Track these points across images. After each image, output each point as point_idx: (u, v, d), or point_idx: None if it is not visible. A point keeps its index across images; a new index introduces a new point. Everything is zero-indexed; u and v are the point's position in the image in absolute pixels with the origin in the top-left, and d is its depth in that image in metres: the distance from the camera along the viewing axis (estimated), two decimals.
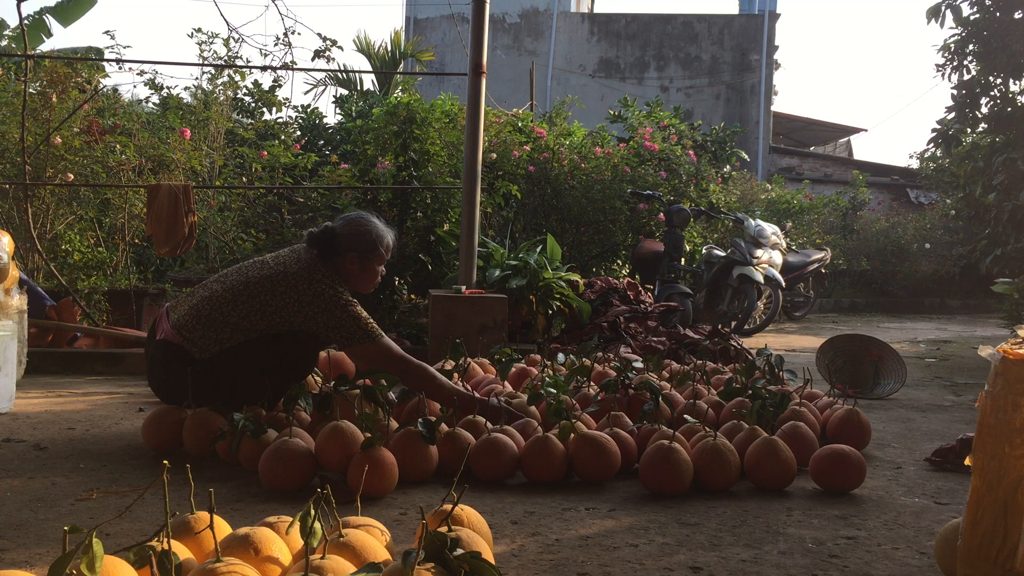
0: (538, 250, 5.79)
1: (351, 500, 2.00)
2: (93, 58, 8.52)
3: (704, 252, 8.61)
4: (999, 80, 6.83)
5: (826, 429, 3.01)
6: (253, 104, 9.11)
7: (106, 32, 11.63)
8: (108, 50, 7.27)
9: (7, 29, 10.88)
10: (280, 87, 8.61)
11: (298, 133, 10.01)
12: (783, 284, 8.41)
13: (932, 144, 7.49)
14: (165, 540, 1.34)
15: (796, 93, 73.74)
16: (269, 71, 7.99)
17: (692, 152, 9.58)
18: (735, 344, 5.07)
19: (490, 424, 2.70)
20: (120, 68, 8.12)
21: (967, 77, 7.00)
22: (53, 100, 5.77)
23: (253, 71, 8.13)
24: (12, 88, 6.27)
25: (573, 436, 2.54)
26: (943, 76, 7.11)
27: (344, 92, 13.37)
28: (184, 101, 7.69)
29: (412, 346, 5.08)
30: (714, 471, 2.43)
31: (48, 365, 4.68)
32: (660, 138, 9.04)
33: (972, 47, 6.90)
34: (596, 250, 8.18)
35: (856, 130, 23.08)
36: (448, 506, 1.59)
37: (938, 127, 7.23)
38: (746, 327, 8.03)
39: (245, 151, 7.22)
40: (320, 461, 2.40)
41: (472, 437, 2.58)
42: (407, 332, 5.59)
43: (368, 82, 14.21)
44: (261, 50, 10.66)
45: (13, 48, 10.17)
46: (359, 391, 2.68)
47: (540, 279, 5.45)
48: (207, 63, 7.42)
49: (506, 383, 3.37)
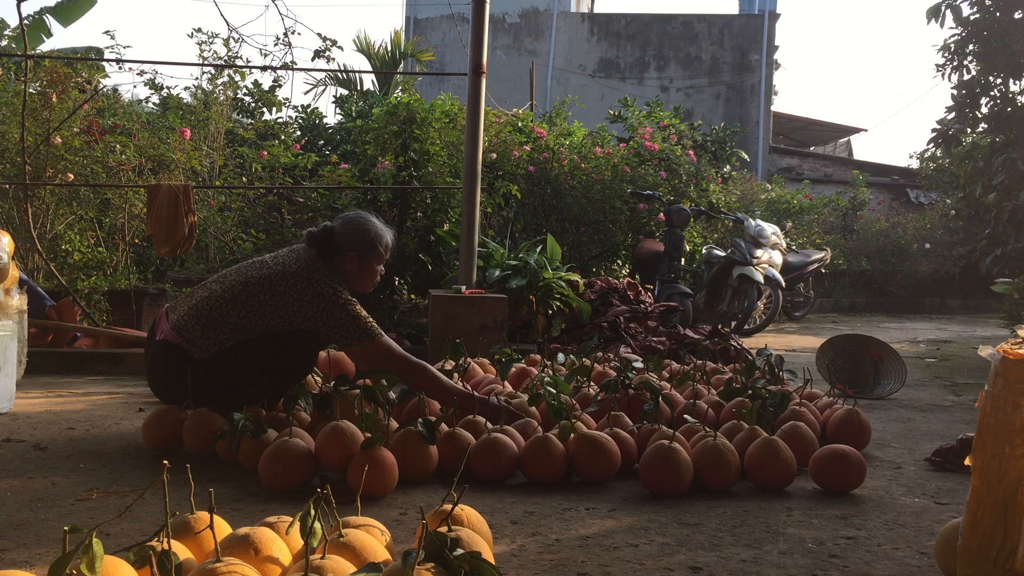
0: (538, 250, 5.79)
1: (351, 500, 2.00)
2: (93, 58, 8.52)
3: (704, 252, 8.61)
4: (999, 80, 6.83)
5: (826, 429, 3.01)
6: (253, 104, 9.12)
7: (106, 32, 11.65)
8: (108, 50, 7.28)
9: (7, 29, 10.88)
10: (280, 87, 8.63)
11: (298, 133, 10.01)
12: (783, 284, 8.41)
13: (932, 144, 7.49)
14: (165, 540, 1.34)
15: (796, 93, 73.83)
16: (269, 71, 7.99)
17: (692, 152, 9.58)
18: (735, 344, 5.07)
19: (490, 424, 2.70)
20: (120, 68, 8.13)
21: (967, 77, 7.00)
22: (53, 100, 5.77)
23: (253, 71, 8.14)
24: (12, 88, 6.27)
25: (573, 436, 2.54)
26: (943, 76, 7.12)
27: (344, 92, 13.37)
28: (184, 101, 7.69)
29: (412, 346, 5.08)
30: (714, 471, 2.43)
31: (48, 365, 4.68)
32: (660, 138, 9.04)
33: (972, 47, 6.90)
34: (596, 250, 8.18)
35: (856, 130, 23.10)
36: (448, 506, 1.59)
37: (938, 127, 7.24)
38: (746, 327, 8.04)
39: (245, 151, 7.22)
40: (320, 461, 2.40)
41: (472, 437, 2.58)
42: (407, 332, 5.59)
43: (368, 82, 14.22)
44: (261, 50, 10.69)
45: (13, 48, 10.17)
46: (359, 391, 2.68)
47: (540, 279, 5.45)
48: (207, 63, 7.42)
49: (506, 383, 3.37)
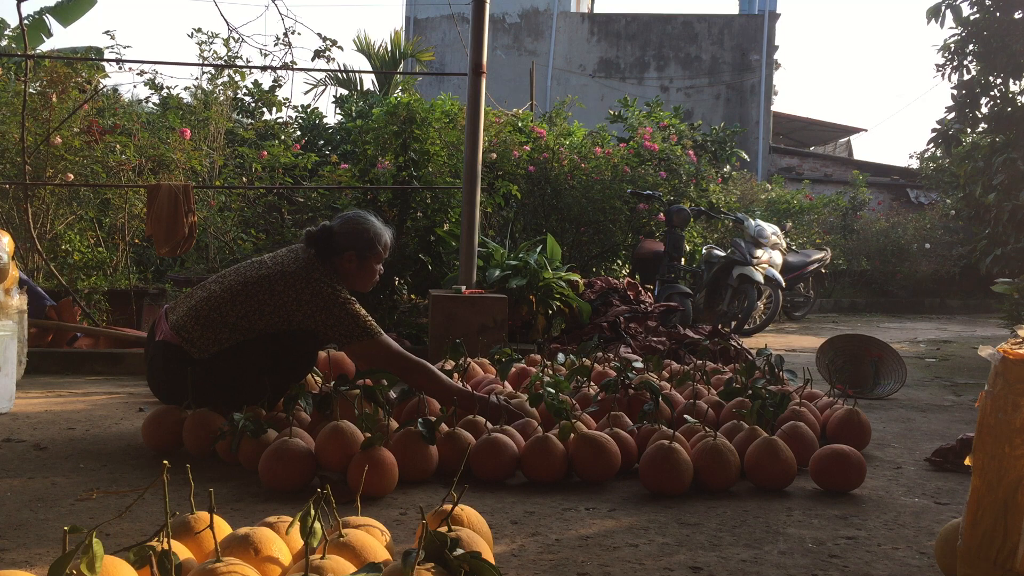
0: (538, 250, 5.79)
1: (351, 500, 2.00)
2: (93, 58, 8.52)
3: (704, 252, 8.62)
4: (999, 80, 6.83)
5: (826, 429, 3.01)
6: (253, 104, 9.12)
7: (106, 32, 11.65)
8: (108, 50, 7.27)
9: (7, 29, 10.89)
10: (280, 87, 8.63)
11: (298, 133, 10.01)
12: (783, 284, 8.41)
13: (932, 144, 7.49)
14: (165, 540, 1.34)
15: (796, 93, 73.86)
16: (269, 71, 7.99)
17: (692, 152, 9.58)
18: (735, 344, 5.07)
19: (490, 424, 2.70)
20: (120, 68, 8.13)
21: (967, 77, 7.00)
22: (53, 100, 5.77)
23: (253, 71, 8.14)
24: (12, 88, 6.27)
25: (573, 436, 2.54)
26: (943, 76, 7.12)
27: (344, 92, 13.37)
28: (184, 101, 7.69)
29: (412, 346, 5.08)
30: (714, 471, 2.43)
31: (48, 365, 4.68)
32: (660, 138, 9.04)
33: (972, 47, 6.90)
34: (596, 250, 8.18)
35: (856, 130, 23.10)
36: (448, 506, 1.59)
37: (938, 127, 7.23)
38: (746, 327, 8.04)
39: (245, 151, 7.22)
40: (320, 461, 2.40)
41: (472, 437, 2.58)
42: (407, 332, 5.59)
43: (368, 82, 14.23)
44: (261, 50, 10.69)
45: (13, 48, 10.18)
46: (359, 391, 2.68)
47: (540, 279, 5.45)
48: (207, 63, 7.42)
49: (506, 383, 3.37)
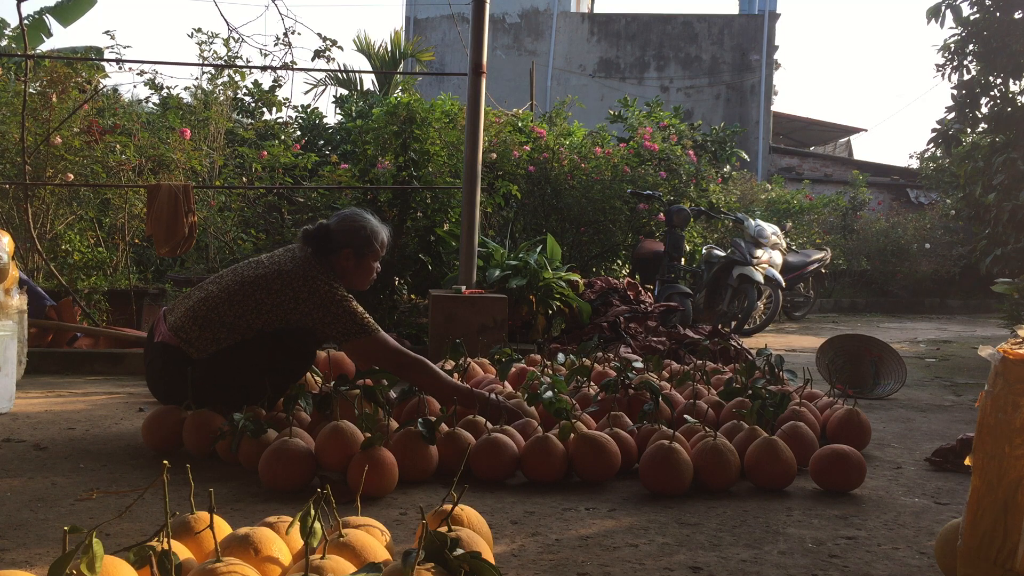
0: (538, 250, 5.79)
1: (351, 500, 2.00)
2: (93, 58, 8.52)
3: (704, 252, 8.62)
4: (999, 80, 6.83)
5: (826, 429, 3.01)
6: (253, 104, 9.11)
7: (106, 32, 11.64)
8: (108, 50, 7.27)
9: (7, 29, 10.88)
10: (280, 87, 8.62)
11: (298, 133, 10.01)
12: (783, 284, 8.41)
13: (932, 144, 7.48)
14: (165, 540, 1.34)
15: (796, 93, 73.89)
16: (269, 71, 7.99)
17: (692, 152, 9.58)
18: (735, 344, 5.07)
19: (490, 424, 2.70)
20: (120, 68, 8.12)
21: (967, 77, 6.99)
22: (53, 100, 5.77)
23: (253, 71, 8.14)
24: (12, 88, 6.27)
25: (573, 436, 2.54)
26: (943, 76, 7.11)
27: (344, 92, 13.37)
28: (184, 101, 7.69)
29: (412, 346, 5.08)
30: (714, 471, 2.43)
31: (48, 365, 4.68)
32: (660, 138, 9.04)
33: (972, 47, 6.90)
34: (596, 250, 8.18)
35: (856, 130, 23.11)
36: (448, 506, 1.59)
37: (938, 127, 7.23)
38: (746, 327, 8.04)
39: (245, 151, 7.22)
40: (320, 461, 2.40)
41: (472, 437, 2.58)
42: (407, 332, 5.59)
43: (368, 82, 14.22)
44: (261, 50, 10.68)
45: (13, 48, 10.18)
46: (359, 391, 2.68)
47: (540, 279, 5.45)
48: (207, 63, 7.42)
49: (506, 383, 3.37)
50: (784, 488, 2.49)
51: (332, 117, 17.98)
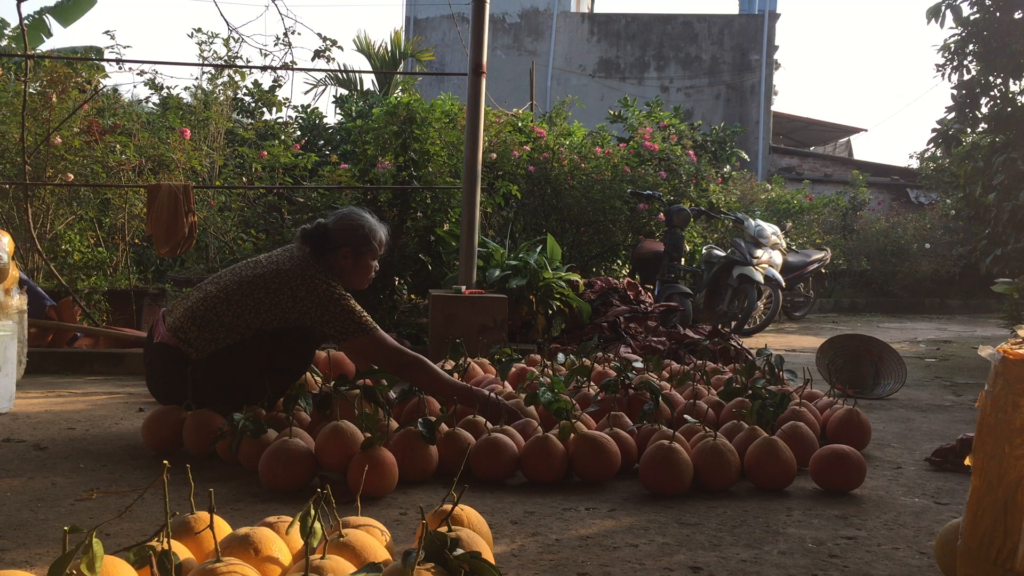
0: (538, 250, 5.79)
1: (351, 500, 2.00)
2: (93, 58, 8.52)
3: (704, 252, 8.62)
4: (999, 80, 6.83)
5: (826, 429, 3.01)
6: (253, 104, 9.11)
7: (106, 32, 11.63)
8: (108, 50, 7.27)
9: (7, 29, 10.89)
10: (280, 87, 8.63)
11: (298, 133, 10.01)
12: (783, 284, 8.42)
13: (932, 144, 7.48)
14: (165, 540, 1.34)
15: (796, 93, 73.93)
16: (269, 71, 7.99)
17: (692, 152, 9.58)
18: (735, 344, 5.07)
19: (490, 424, 2.70)
20: (120, 68, 8.12)
21: (967, 77, 6.99)
22: (53, 100, 5.77)
23: (253, 71, 8.14)
24: (12, 88, 6.27)
25: (573, 436, 2.54)
26: (943, 76, 7.11)
27: (344, 92, 13.37)
28: (184, 101, 7.69)
29: (412, 346, 5.08)
30: (714, 471, 2.43)
31: (48, 365, 4.68)
32: (660, 138, 9.04)
33: (972, 47, 6.90)
34: (596, 250, 8.18)
35: (856, 130, 23.12)
36: (448, 506, 1.59)
37: (938, 127, 7.23)
38: (746, 327, 8.04)
39: (245, 151, 7.22)
40: (320, 461, 2.40)
41: (472, 437, 2.58)
42: (407, 332, 5.59)
43: (368, 82, 14.22)
44: (261, 50, 10.69)
45: (13, 48, 10.18)
46: (359, 391, 2.68)
47: (540, 279, 5.45)
48: (207, 63, 7.42)
49: (506, 383, 3.37)
50: (784, 488, 2.49)
51: (332, 117, 18.01)
